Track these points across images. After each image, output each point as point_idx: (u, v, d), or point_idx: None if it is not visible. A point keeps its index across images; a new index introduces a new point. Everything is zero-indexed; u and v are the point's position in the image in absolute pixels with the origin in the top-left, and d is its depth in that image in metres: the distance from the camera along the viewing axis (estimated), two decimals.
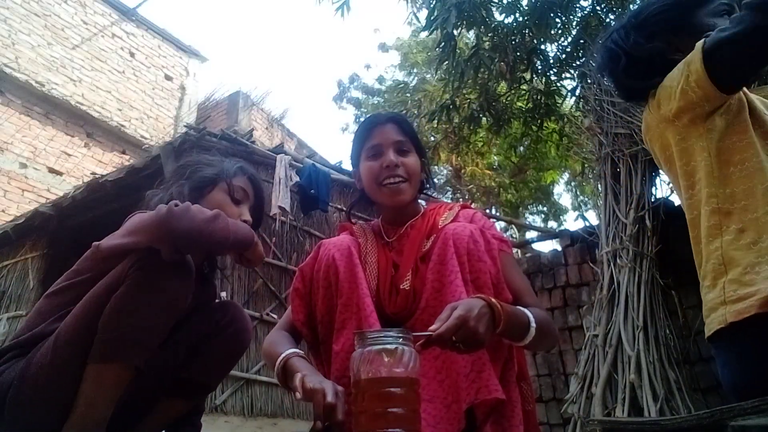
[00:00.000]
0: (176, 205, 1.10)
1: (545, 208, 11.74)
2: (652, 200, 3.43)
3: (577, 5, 4.31)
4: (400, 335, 0.92)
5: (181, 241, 1.08)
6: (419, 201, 1.47)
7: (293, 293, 1.31)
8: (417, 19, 4.79)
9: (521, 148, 7.89)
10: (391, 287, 1.26)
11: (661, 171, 3.59)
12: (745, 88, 1.23)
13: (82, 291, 1.11)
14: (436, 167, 10.24)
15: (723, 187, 1.15)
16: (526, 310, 1.12)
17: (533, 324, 1.10)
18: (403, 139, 1.35)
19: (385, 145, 1.34)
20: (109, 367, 1.05)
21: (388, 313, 1.23)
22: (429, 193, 1.48)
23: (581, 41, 4.28)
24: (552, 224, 11.35)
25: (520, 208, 11.12)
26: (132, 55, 10.09)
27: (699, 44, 1.13)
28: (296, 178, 5.20)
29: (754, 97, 1.23)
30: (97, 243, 1.19)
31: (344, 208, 6.05)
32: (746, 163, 1.14)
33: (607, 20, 4.20)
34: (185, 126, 5.37)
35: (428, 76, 10.37)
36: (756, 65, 1.12)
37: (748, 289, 1.06)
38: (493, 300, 1.03)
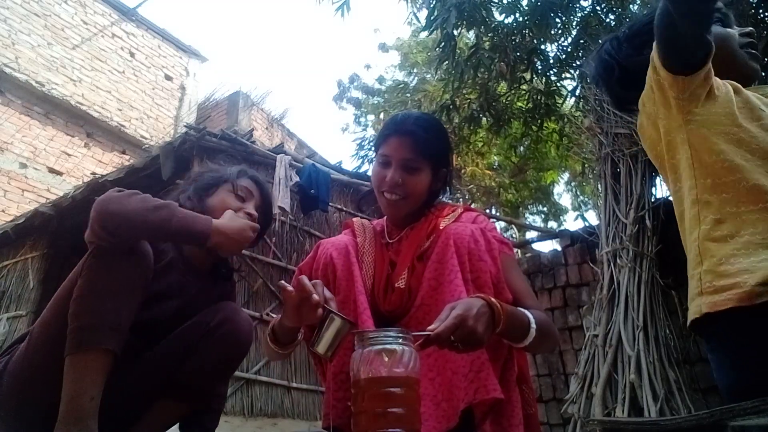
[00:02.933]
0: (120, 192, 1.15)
1: (545, 208, 11.73)
2: (652, 200, 3.43)
3: (577, 5, 4.31)
4: (400, 335, 0.92)
5: (109, 223, 1.10)
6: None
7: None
8: (417, 19, 4.79)
9: (521, 148, 7.88)
10: (386, 285, 1.26)
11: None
12: (741, 87, 1.24)
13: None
14: None
15: (703, 177, 1.17)
16: (526, 312, 1.12)
17: (533, 325, 1.09)
18: (414, 156, 1.30)
19: (394, 159, 1.31)
20: (85, 356, 1.06)
21: (382, 312, 1.24)
22: (440, 198, 1.47)
23: (581, 41, 4.28)
24: (552, 224, 11.35)
25: (520, 208, 11.11)
26: (132, 55, 10.09)
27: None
28: (296, 178, 5.20)
29: (751, 94, 1.23)
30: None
31: (344, 208, 6.05)
32: (730, 155, 1.14)
33: (607, 20, 4.21)
34: (185, 126, 5.36)
35: (428, 76, 10.36)
36: (681, 38, 1.12)
37: (723, 281, 1.07)
38: (492, 299, 1.03)
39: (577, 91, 4.69)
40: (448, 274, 1.15)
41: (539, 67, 4.67)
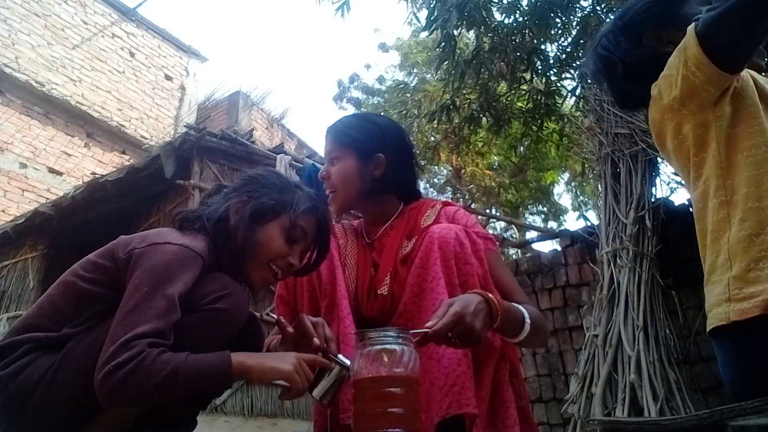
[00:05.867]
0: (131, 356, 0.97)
1: (545, 208, 11.73)
2: (652, 200, 3.43)
3: (577, 5, 4.31)
4: (400, 335, 0.92)
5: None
6: (418, 197, 1.45)
7: (277, 300, 1.33)
8: (417, 19, 4.79)
9: (521, 148, 7.87)
10: (369, 291, 1.25)
11: (661, 169, 3.60)
12: (755, 73, 1.20)
13: (104, 298, 1.10)
14: (436, 167, 10.24)
15: (731, 177, 1.12)
16: (520, 307, 1.13)
17: (528, 320, 1.11)
18: (333, 147, 1.38)
19: (326, 158, 1.40)
20: None
21: (365, 317, 1.23)
22: (391, 187, 1.42)
23: (581, 41, 4.27)
24: (552, 224, 11.34)
25: (520, 208, 11.11)
26: (132, 55, 10.09)
27: (690, 28, 1.11)
28: (296, 178, 5.20)
29: (765, 81, 1.19)
30: (120, 255, 1.10)
31: None
32: (753, 150, 1.11)
33: (607, 20, 4.20)
34: (185, 126, 5.38)
35: (428, 76, 10.36)
36: (753, 37, 1.07)
37: (753, 288, 1.04)
38: (489, 296, 1.04)
39: (577, 91, 4.69)
40: (430, 281, 1.14)
41: (539, 67, 4.66)
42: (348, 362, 1.01)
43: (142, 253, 1.09)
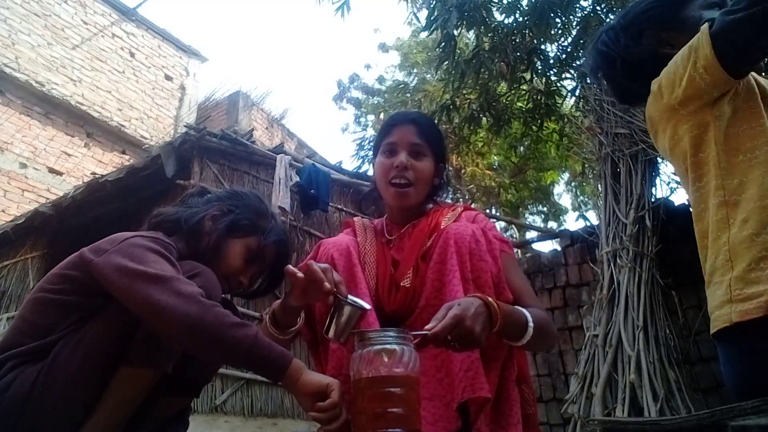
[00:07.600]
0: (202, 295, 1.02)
1: (545, 208, 11.72)
2: (652, 200, 3.44)
3: (577, 5, 4.31)
4: (400, 335, 0.93)
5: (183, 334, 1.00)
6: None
7: None
8: (417, 19, 4.80)
9: (521, 148, 7.88)
10: (390, 285, 1.26)
11: (661, 169, 3.61)
12: (755, 74, 1.19)
13: (78, 305, 1.10)
14: None
15: (731, 177, 1.12)
16: (524, 310, 1.12)
17: (531, 324, 1.10)
18: (420, 142, 1.35)
19: (400, 145, 1.35)
20: (145, 371, 1.08)
21: (387, 312, 1.23)
22: (439, 197, 1.48)
23: (581, 41, 4.28)
24: (552, 224, 11.34)
25: (520, 208, 11.10)
26: (132, 55, 10.09)
27: (704, 28, 1.09)
28: (296, 178, 5.20)
29: (765, 83, 1.19)
30: (91, 259, 1.11)
31: (344, 208, 6.05)
32: (756, 152, 1.10)
33: (607, 20, 4.20)
34: (185, 126, 5.38)
35: (428, 76, 10.36)
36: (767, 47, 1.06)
37: (754, 288, 1.04)
38: (490, 299, 1.04)
39: (577, 91, 4.69)
40: (447, 275, 1.16)
41: (539, 67, 4.67)
42: (360, 301, 1.06)
43: (120, 249, 1.11)
